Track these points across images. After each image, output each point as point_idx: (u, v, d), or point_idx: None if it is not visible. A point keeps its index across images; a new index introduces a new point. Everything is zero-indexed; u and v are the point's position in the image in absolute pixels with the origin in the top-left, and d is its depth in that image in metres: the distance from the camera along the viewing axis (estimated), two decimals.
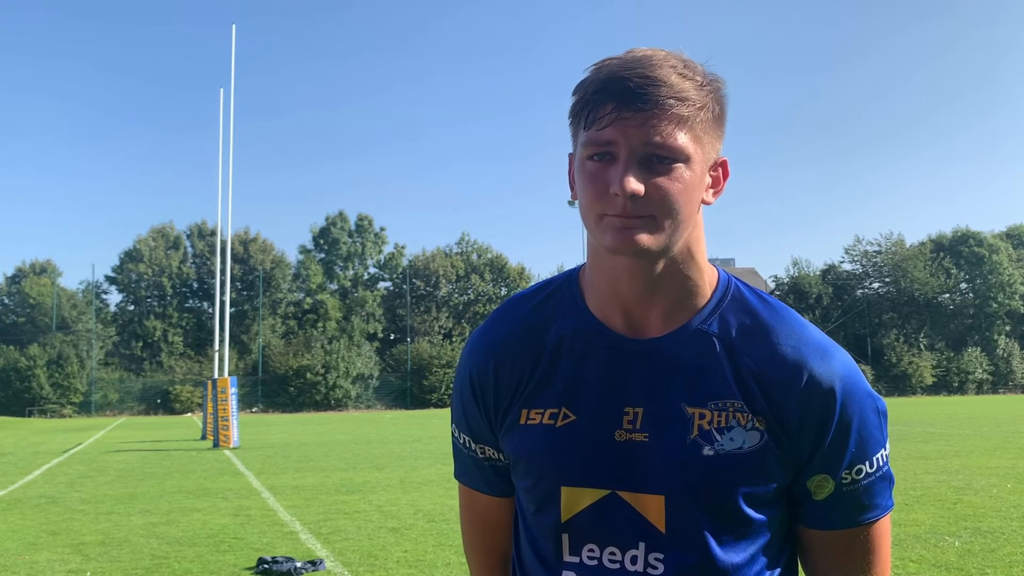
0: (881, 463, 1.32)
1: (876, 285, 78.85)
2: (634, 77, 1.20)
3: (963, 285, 78.02)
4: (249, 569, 7.51)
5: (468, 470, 1.51)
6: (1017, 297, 75.95)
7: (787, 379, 1.27)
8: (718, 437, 1.27)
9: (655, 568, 1.28)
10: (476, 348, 1.43)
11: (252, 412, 60.26)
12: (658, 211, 1.21)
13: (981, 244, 76.63)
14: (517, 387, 1.37)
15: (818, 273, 78.51)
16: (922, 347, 73.92)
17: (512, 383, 1.38)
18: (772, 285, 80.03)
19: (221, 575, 7.36)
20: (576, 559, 1.32)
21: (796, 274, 78.27)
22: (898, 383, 70.75)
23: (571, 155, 1.31)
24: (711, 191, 1.31)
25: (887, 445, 1.34)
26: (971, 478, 12.48)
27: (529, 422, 1.35)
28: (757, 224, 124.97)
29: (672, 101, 1.20)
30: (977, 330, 75.88)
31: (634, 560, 1.29)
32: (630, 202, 1.20)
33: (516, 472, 1.41)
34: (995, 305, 75.65)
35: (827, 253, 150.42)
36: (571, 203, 1.32)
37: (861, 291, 78.19)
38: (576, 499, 1.31)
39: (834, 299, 76.29)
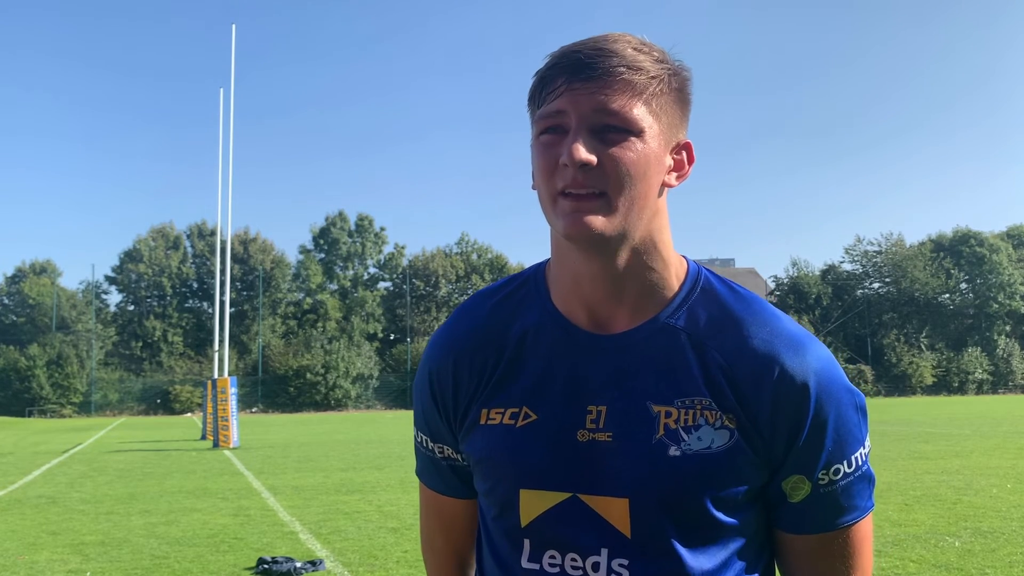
0: (860, 462, 1.25)
1: (876, 285, 78.88)
2: (586, 50, 1.18)
3: (963, 285, 78.04)
4: (249, 569, 7.50)
5: (427, 469, 1.46)
6: (1017, 297, 75.94)
7: (757, 374, 1.20)
8: (685, 436, 1.20)
9: (619, 575, 1.21)
10: (436, 346, 1.37)
11: (252, 412, 60.26)
12: (611, 186, 1.16)
13: (981, 244, 76.64)
14: (478, 386, 1.31)
15: (818, 273, 78.51)
16: (922, 347, 73.91)
17: (472, 382, 1.32)
18: (772, 285, 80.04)
19: (221, 575, 7.36)
20: (536, 565, 1.25)
21: (796, 274, 78.30)
22: (898, 383, 70.76)
23: (532, 145, 1.26)
24: (674, 174, 1.24)
25: (867, 443, 1.27)
26: (971, 478, 12.47)
27: (489, 422, 1.29)
28: (757, 224, 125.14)
29: (623, 69, 1.16)
30: (977, 330, 75.88)
31: (596, 567, 1.22)
32: (580, 172, 1.14)
33: (476, 474, 1.35)
34: (995, 305, 75.66)
35: (827, 253, 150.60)
36: (535, 189, 1.25)
37: (861, 291, 78.20)
38: (536, 502, 1.25)
39: (834, 299, 76.29)
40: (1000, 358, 75.10)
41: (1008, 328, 76.67)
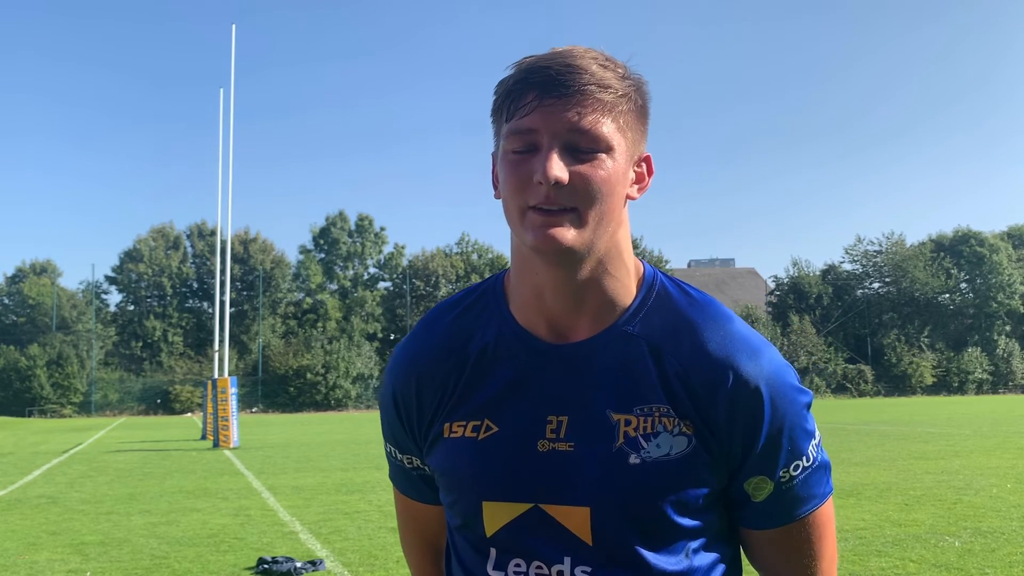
0: (815, 454, 1.28)
1: (876, 285, 78.84)
2: (555, 66, 1.17)
3: (963, 285, 78.00)
4: (249, 569, 7.50)
5: (398, 477, 1.49)
6: (1017, 297, 75.92)
7: (713, 380, 1.22)
8: (644, 444, 1.21)
9: None
10: (398, 362, 1.38)
11: (252, 412, 60.25)
12: (581, 202, 1.17)
13: (981, 244, 76.60)
14: (440, 401, 1.32)
15: (818, 273, 78.49)
16: (922, 347, 73.88)
17: (435, 398, 1.33)
18: (772, 285, 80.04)
19: (221, 575, 7.36)
20: (501, 573, 1.27)
21: (796, 274, 78.26)
22: (898, 383, 70.74)
23: (494, 154, 1.27)
24: (635, 187, 1.26)
25: (817, 434, 1.30)
26: (971, 478, 12.46)
27: (452, 436, 1.30)
28: (757, 224, 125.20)
29: (594, 87, 1.16)
30: (977, 330, 75.85)
31: (560, 575, 1.23)
32: (553, 190, 1.15)
33: (440, 486, 1.36)
34: (995, 305, 75.63)
35: (827, 253, 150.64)
36: (498, 199, 1.27)
37: (861, 291, 78.17)
38: (499, 514, 1.27)
39: (834, 299, 76.26)
40: (1000, 358, 75.06)
41: (1008, 328, 76.63)
